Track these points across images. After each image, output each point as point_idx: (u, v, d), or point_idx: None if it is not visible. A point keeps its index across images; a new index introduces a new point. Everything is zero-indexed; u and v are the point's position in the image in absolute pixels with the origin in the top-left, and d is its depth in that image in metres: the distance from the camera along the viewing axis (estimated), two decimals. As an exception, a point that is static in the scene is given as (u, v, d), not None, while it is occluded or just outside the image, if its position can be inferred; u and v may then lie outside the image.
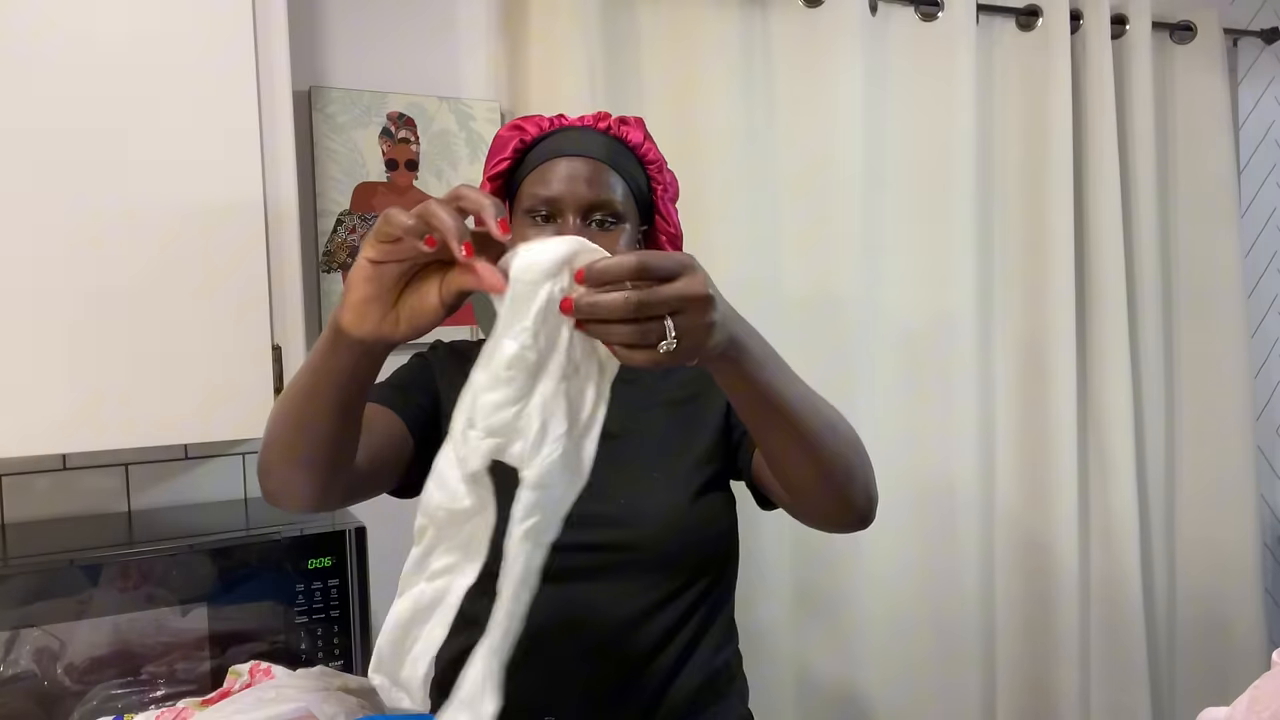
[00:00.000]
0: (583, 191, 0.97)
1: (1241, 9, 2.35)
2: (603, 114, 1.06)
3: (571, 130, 1.04)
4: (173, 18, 1.22)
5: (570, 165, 0.99)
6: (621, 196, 1.00)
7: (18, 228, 1.16)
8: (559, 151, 1.00)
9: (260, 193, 1.27)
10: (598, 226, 0.98)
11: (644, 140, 1.06)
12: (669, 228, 1.09)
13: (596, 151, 1.00)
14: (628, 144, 1.05)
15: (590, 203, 0.98)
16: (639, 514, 0.99)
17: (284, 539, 1.30)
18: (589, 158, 0.99)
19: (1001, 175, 2.04)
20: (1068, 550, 2.01)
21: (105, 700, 1.21)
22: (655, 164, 1.07)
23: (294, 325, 1.32)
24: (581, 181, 0.98)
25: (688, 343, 0.65)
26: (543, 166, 1.00)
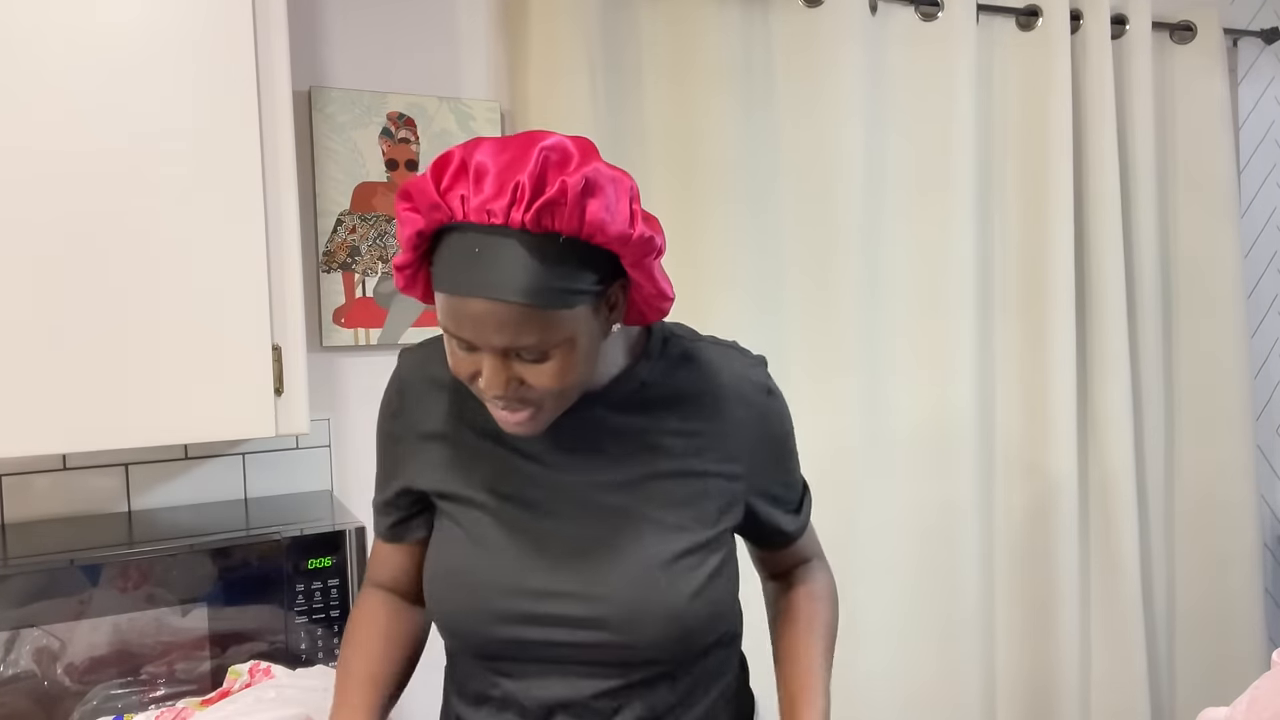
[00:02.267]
0: (493, 342, 0.77)
1: (1241, 9, 2.35)
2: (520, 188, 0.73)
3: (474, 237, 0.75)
4: (172, 18, 1.22)
5: (475, 309, 0.76)
6: (556, 327, 0.77)
7: (17, 228, 1.16)
8: (458, 286, 0.76)
9: (260, 193, 1.27)
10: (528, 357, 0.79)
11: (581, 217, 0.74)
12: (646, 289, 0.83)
13: (507, 287, 0.74)
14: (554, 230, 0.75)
15: (505, 351, 0.78)
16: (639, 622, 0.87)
17: (284, 539, 1.30)
18: (495, 300, 0.75)
19: (1001, 175, 2.04)
20: (1068, 549, 2.01)
21: (105, 700, 1.21)
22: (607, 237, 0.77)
23: (294, 325, 1.32)
24: (491, 332, 0.76)
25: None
26: (447, 300, 0.77)
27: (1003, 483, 2.05)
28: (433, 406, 0.94)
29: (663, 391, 0.92)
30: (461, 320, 0.77)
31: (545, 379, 0.80)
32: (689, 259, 1.77)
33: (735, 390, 0.94)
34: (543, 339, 0.77)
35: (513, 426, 0.84)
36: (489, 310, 0.75)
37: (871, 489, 1.90)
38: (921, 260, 1.95)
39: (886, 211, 1.93)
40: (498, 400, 0.82)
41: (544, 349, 0.78)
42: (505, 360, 0.79)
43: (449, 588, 0.90)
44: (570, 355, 0.80)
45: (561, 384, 0.80)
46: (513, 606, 0.88)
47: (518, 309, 0.75)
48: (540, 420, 0.84)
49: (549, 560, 0.88)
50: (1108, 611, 2.10)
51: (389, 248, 1.64)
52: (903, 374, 1.94)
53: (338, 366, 1.64)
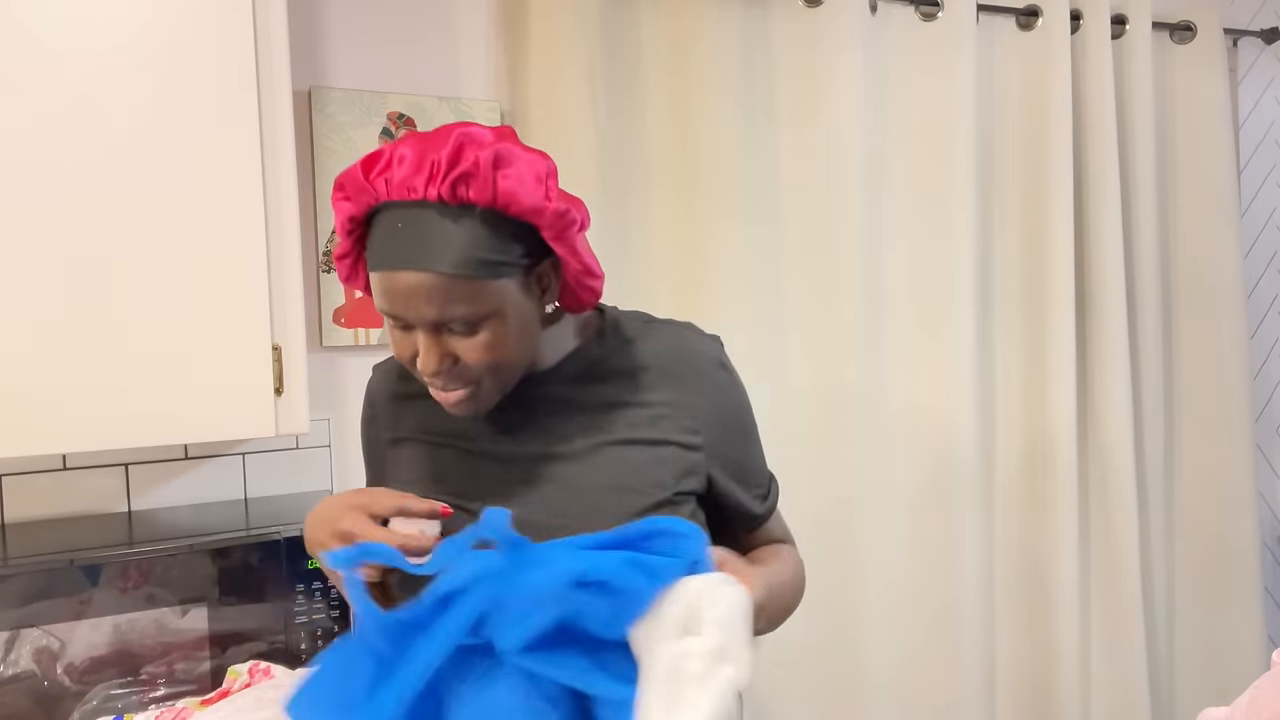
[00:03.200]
0: (423, 314, 0.80)
1: (1241, 9, 2.35)
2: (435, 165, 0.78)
3: (397, 213, 0.79)
4: (173, 18, 1.22)
5: (403, 282, 0.79)
6: (484, 296, 0.80)
7: (17, 228, 1.16)
8: (385, 261, 0.80)
9: (260, 193, 1.27)
10: (459, 330, 0.81)
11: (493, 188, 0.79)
12: (574, 264, 0.86)
13: (430, 258, 0.78)
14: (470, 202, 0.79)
15: (435, 323, 0.81)
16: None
17: (284, 539, 1.30)
18: (423, 270, 0.78)
19: (1001, 175, 2.04)
20: (1067, 550, 2.01)
21: (105, 700, 1.21)
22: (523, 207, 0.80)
23: (294, 325, 1.32)
24: (420, 303, 0.79)
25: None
26: (378, 276, 0.81)
27: (1002, 482, 2.05)
28: (397, 417, 0.99)
29: (614, 365, 0.94)
30: (393, 296, 0.80)
31: (476, 353, 0.82)
32: (688, 258, 1.77)
33: (690, 363, 0.95)
34: (471, 309, 0.80)
35: (452, 406, 0.86)
36: (416, 282, 0.78)
37: (871, 490, 1.90)
38: (922, 259, 1.95)
39: (886, 211, 1.92)
40: (435, 380, 0.84)
41: (473, 320, 0.80)
42: (438, 336, 0.82)
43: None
44: (500, 329, 0.82)
45: (493, 358, 0.83)
46: None
47: (443, 279, 0.78)
48: (480, 399, 0.86)
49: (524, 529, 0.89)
50: (1108, 611, 2.09)
51: (389, 248, 1.64)
52: (903, 375, 1.94)
53: (338, 366, 1.64)
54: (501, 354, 0.83)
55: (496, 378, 0.85)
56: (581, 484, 0.90)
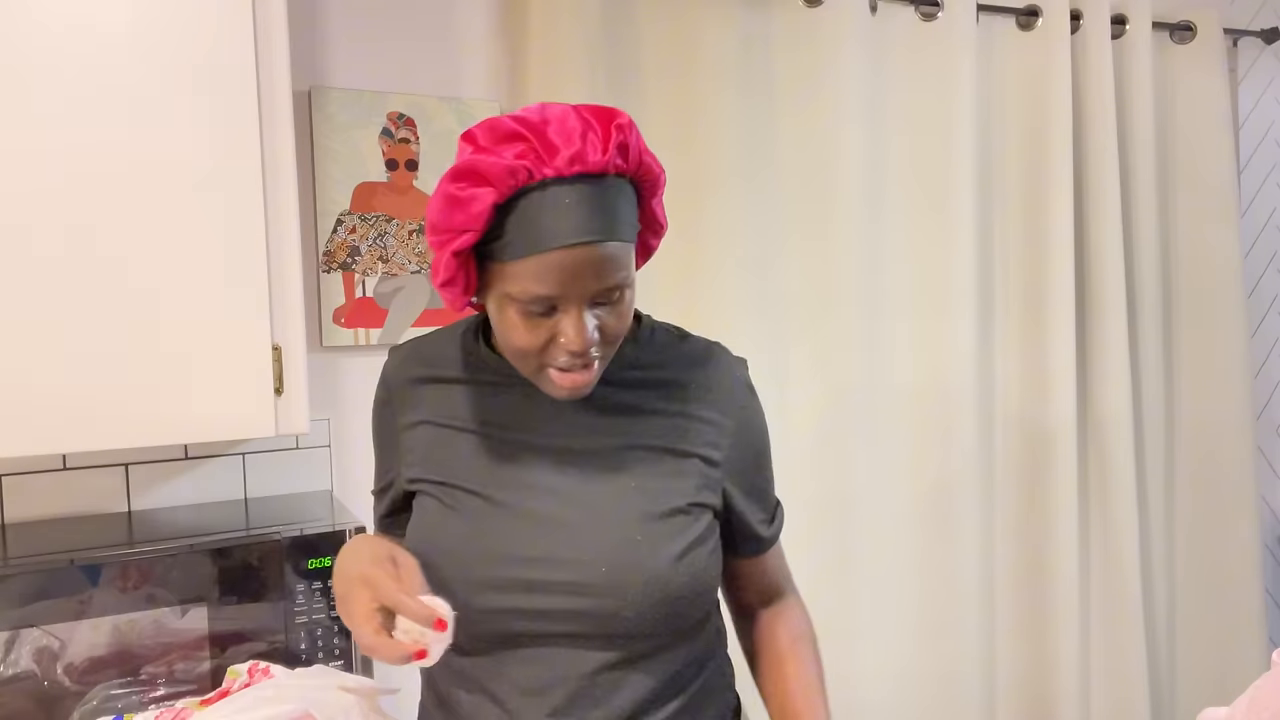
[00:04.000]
0: (589, 286, 0.79)
1: (1241, 9, 2.35)
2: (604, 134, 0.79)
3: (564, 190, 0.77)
4: (172, 17, 1.22)
5: (573, 259, 0.77)
6: (626, 267, 0.82)
7: (17, 228, 1.16)
8: (554, 238, 0.77)
9: (260, 193, 1.27)
10: (605, 302, 0.82)
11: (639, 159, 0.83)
12: (655, 223, 0.90)
13: (602, 226, 0.78)
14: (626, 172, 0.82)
15: (601, 293, 0.81)
16: (623, 584, 0.86)
17: (284, 539, 1.30)
18: (599, 241, 0.78)
19: (1001, 175, 2.04)
20: (1067, 550, 2.01)
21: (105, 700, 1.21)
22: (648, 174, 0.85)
23: (294, 325, 1.32)
24: (589, 277, 0.79)
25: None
26: (535, 260, 0.78)
27: (1002, 483, 2.05)
28: (414, 402, 0.97)
29: (649, 374, 0.94)
30: (553, 274, 0.78)
31: (618, 319, 0.84)
32: (688, 258, 1.77)
33: (719, 382, 0.96)
34: (628, 274, 0.82)
35: (571, 387, 0.84)
36: (589, 254, 0.78)
37: (871, 493, 1.90)
38: (922, 260, 1.95)
39: (886, 211, 1.92)
40: (577, 359, 0.82)
41: (623, 285, 0.82)
42: (586, 311, 0.81)
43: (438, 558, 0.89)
44: (630, 296, 0.84)
45: (625, 326, 0.85)
46: (501, 573, 0.87)
47: (616, 246, 0.80)
48: (596, 373, 0.85)
49: (533, 528, 0.89)
50: (1108, 611, 2.09)
51: (389, 248, 1.64)
52: (903, 376, 1.94)
53: (338, 366, 1.64)
54: (628, 322, 0.86)
55: (614, 349, 0.87)
56: (603, 482, 0.90)
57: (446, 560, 0.89)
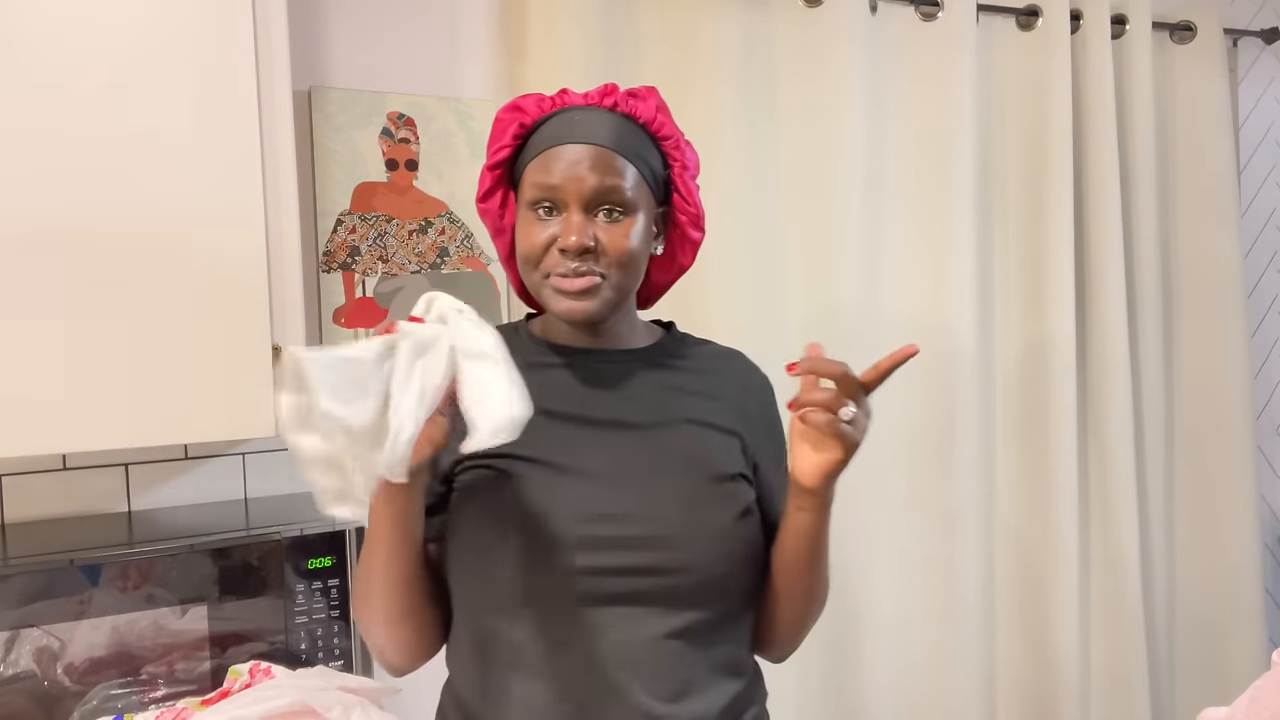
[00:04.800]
0: (586, 182, 0.91)
1: (1241, 9, 2.35)
2: (609, 88, 0.98)
3: (574, 112, 0.96)
4: (172, 17, 1.22)
5: (572, 153, 0.93)
6: (631, 183, 0.94)
7: (16, 228, 1.16)
8: (560, 138, 0.94)
9: (260, 193, 1.27)
10: (605, 218, 0.93)
11: (656, 114, 0.98)
12: (689, 207, 1.01)
13: (601, 135, 0.94)
14: (637, 121, 0.98)
15: (594, 193, 0.92)
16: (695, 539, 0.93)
17: (284, 539, 1.30)
18: (592, 144, 0.93)
19: (1001, 175, 2.04)
20: (1067, 550, 2.01)
21: (105, 700, 1.21)
22: (670, 139, 0.99)
23: (294, 325, 1.32)
24: (585, 171, 0.92)
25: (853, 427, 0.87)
26: (543, 155, 0.94)
27: (1003, 483, 2.05)
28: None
29: (687, 362, 1.05)
30: (560, 167, 0.92)
31: (617, 240, 0.92)
32: (689, 259, 1.77)
33: (742, 375, 1.08)
34: (624, 189, 0.93)
35: (577, 295, 0.92)
36: (584, 152, 0.93)
37: (871, 497, 1.90)
38: (922, 260, 1.95)
39: (886, 211, 1.92)
40: (574, 259, 0.91)
41: (621, 204, 0.93)
42: (586, 217, 0.92)
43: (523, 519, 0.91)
44: (636, 228, 0.94)
45: (627, 250, 0.93)
46: (583, 531, 0.91)
47: (609, 153, 0.93)
48: (600, 297, 0.93)
49: (604, 488, 0.93)
50: (1108, 611, 2.09)
51: (389, 248, 1.64)
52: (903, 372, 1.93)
53: (338, 366, 1.63)
54: (633, 251, 0.93)
55: (620, 277, 0.94)
56: (661, 449, 0.97)
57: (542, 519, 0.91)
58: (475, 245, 1.70)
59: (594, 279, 0.92)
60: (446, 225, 1.67)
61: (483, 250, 1.70)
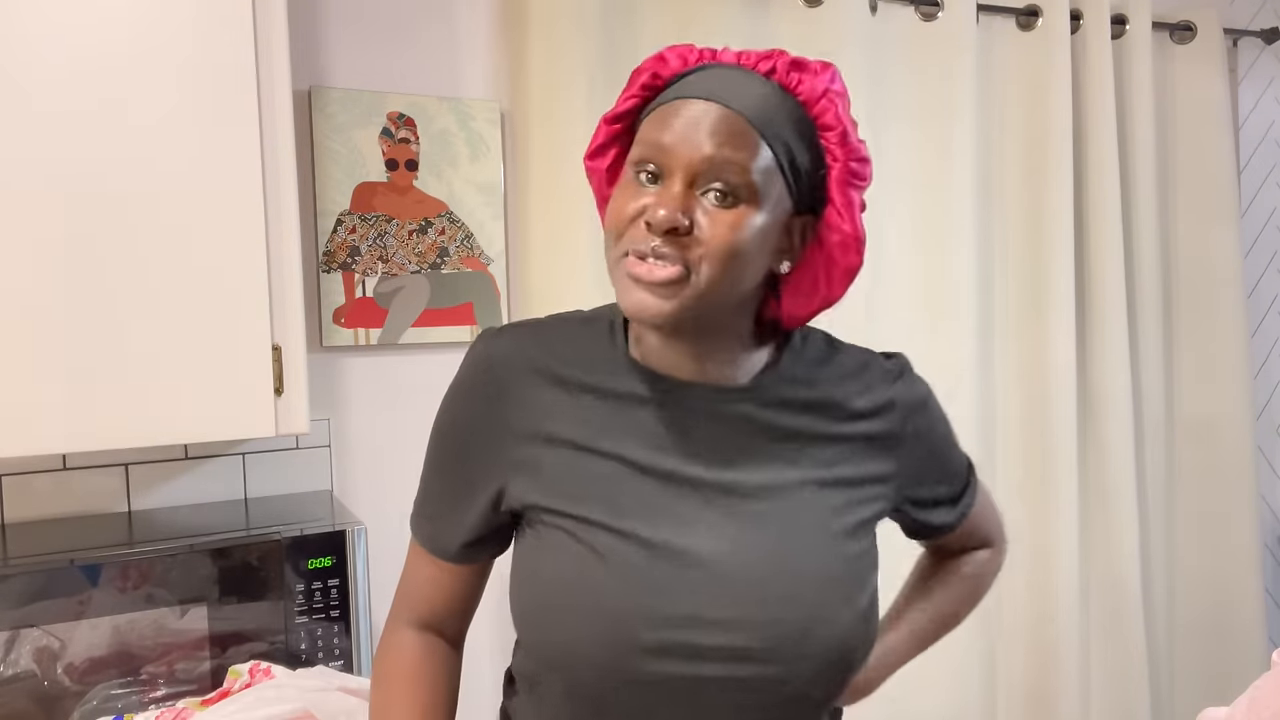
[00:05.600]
0: (700, 149, 0.71)
1: (1241, 9, 2.35)
2: (775, 52, 0.77)
3: (719, 70, 0.76)
4: (172, 17, 1.22)
5: (694, 110, 0.72)
6: (760, 165, 0.72)
7: (17, 227, 1.16)
8: (686, 92, 0.74)
9: (260, 193, 1.27)
10: (715, 200, 0.72)
11: (822, 95, 0.75)
12: (843, 225, 0.77)
13: (736, 98, 0.73)
14: (796, 97, 0.76)
15: (707, 163, 0.71)
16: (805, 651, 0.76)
17: (284, 539, 1.30)
18: (721, 104, 0.72)
19: (1001, 175, 2.04)
20: (1068, 550, 2.01)
21: (105, 700, 1.21)
22: (834, 131, 0.76)
23: (294, 325, 1.32)
24: (702, 135, 0.71)
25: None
26: (663, 109, 0.74)
27: (1003, 482, 2.04)
28: (536, 399, 0.81)
29: (807, 393, 0.83)
30: (671, 124, 0.73)
31: (719, 228, 0.71)
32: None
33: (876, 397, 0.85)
34: (742, 167, 0.71)
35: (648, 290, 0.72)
36: (708, 112, 0.72)
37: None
38: (921, 260, 1.95)
39: (886, 211, 1.92)
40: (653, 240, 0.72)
41: (735, 185, 0.72)
42: (689, 192, 0.72)
43: (576, 613, 0.75)
44: (749, 221, 0.72)
45: (729, 245, 0.71)
46: (660, 637, 0.73)
47: (738, 119, 0.72)
48: (679, 298, 0.72)
49: (695, 583, 0.75)
50: (1108, 611, 2.09)
51: (389, 248, 1.64)
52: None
53: (338, 366, 1.64)
54: (737, 248, 0.72)
55: (712, 276, 0.72)
56: (773, 525, 0.78)
57: (596, 621, 0.75)
58: (475, 245, 1.70)
59: (677, 269, 0.71)
60: (446, 225, 1.67)
61: (483, 250, 1.70)
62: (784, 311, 0.82)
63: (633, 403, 0.80)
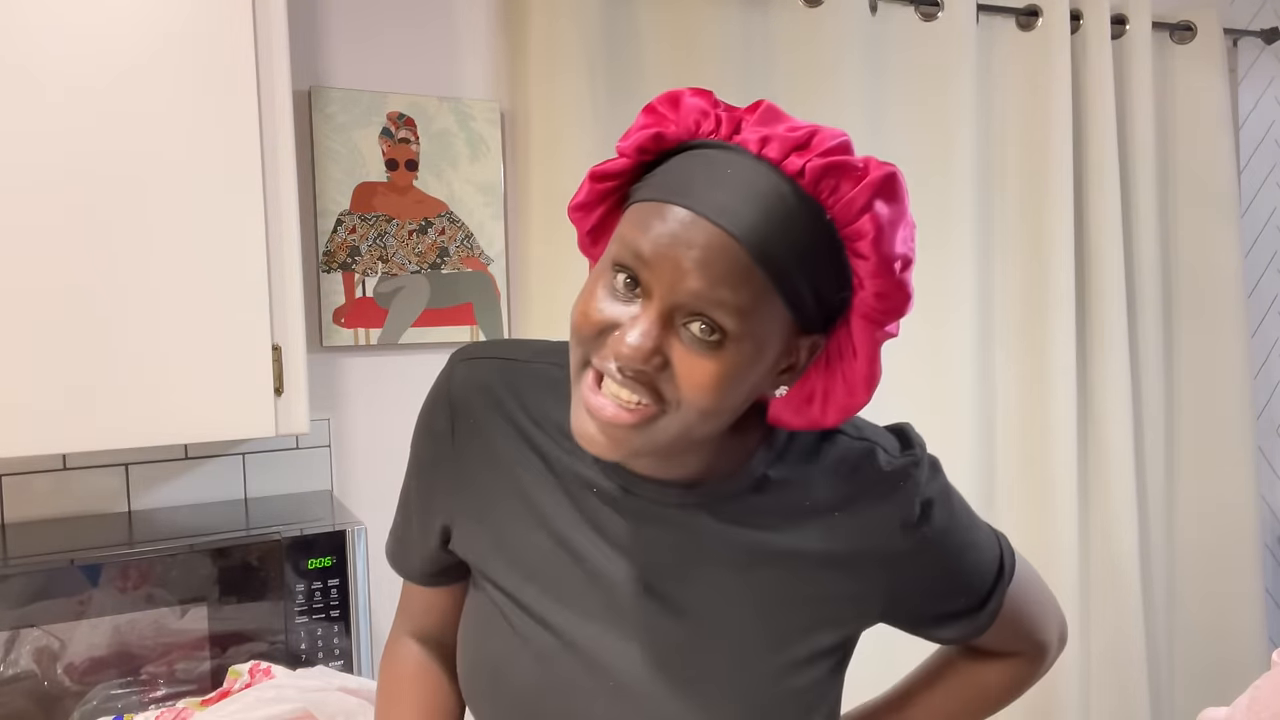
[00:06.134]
0: (683, 278, 0.58)
1: (1241, 9, 2.35)
2: (805, 131, 0.61)
3: (731, 161, 0.60)
4: (172, 17, 1.22)
5: (685, 225, 0.59)
6: (760, 309, 0.60)
7: (17, 226, 1.16)
8: (684, 195, 0.60)
9: (260, 193, 1.27)
10: (697, 336, 0.60)
11: (861, 213, 0.60)
12: (855, 363, 0.66)
13: (741, 220, 0.58)
14: (824, 212, 0.61)
15: (691, 298, 0.59)
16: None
17: (284, 539, 1.30)
18: (721, 228, 0.58)
19: (1001, 175, 2.04)
20: (1068, 550, 2.01)
21: (105, 700, 1.21)
22: (867, 261, 0.61)
23: (294, 325, 1.32)
24: (691, 261, 0.58)
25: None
26: (653, 207, 0.60)
27: (1003, 480, 2.04)
28: (490, 443, 0.76)
29: (777, 500, 0.72)
30: (657, 235, 0.59)
31: (698, 375, 0.60)
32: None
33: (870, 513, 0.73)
34: (737, 310, 0.59)
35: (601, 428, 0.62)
36: (699, 234, 0.58)
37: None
38: (921, 259, 1.94)
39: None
40: (623, 372, 0.61)
41: (722, 330, 0.59)
42: (665, 324, 0.60)
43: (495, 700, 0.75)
44: (742, 367, 0.61)
45: (714, 399, 0.61)
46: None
47: (738, 250, 0.58)
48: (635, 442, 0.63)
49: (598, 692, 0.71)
50: (1108, 610, 2.09)
51: (389, 248, 1.64)
52: (903, 372, 1.94)
53: (338, 366, 1.64)
54: (718, 398, 0.61)
55: (685, 423, 0.62)
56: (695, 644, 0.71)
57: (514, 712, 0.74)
58: (475, 245, 1.70)
59: (638, 414, 0.61)
60: (446, 225, 1.67)
61: (483, 250, 1.70)
62: (770, 413, 0.71)
63: (584, 487, 0.73)
